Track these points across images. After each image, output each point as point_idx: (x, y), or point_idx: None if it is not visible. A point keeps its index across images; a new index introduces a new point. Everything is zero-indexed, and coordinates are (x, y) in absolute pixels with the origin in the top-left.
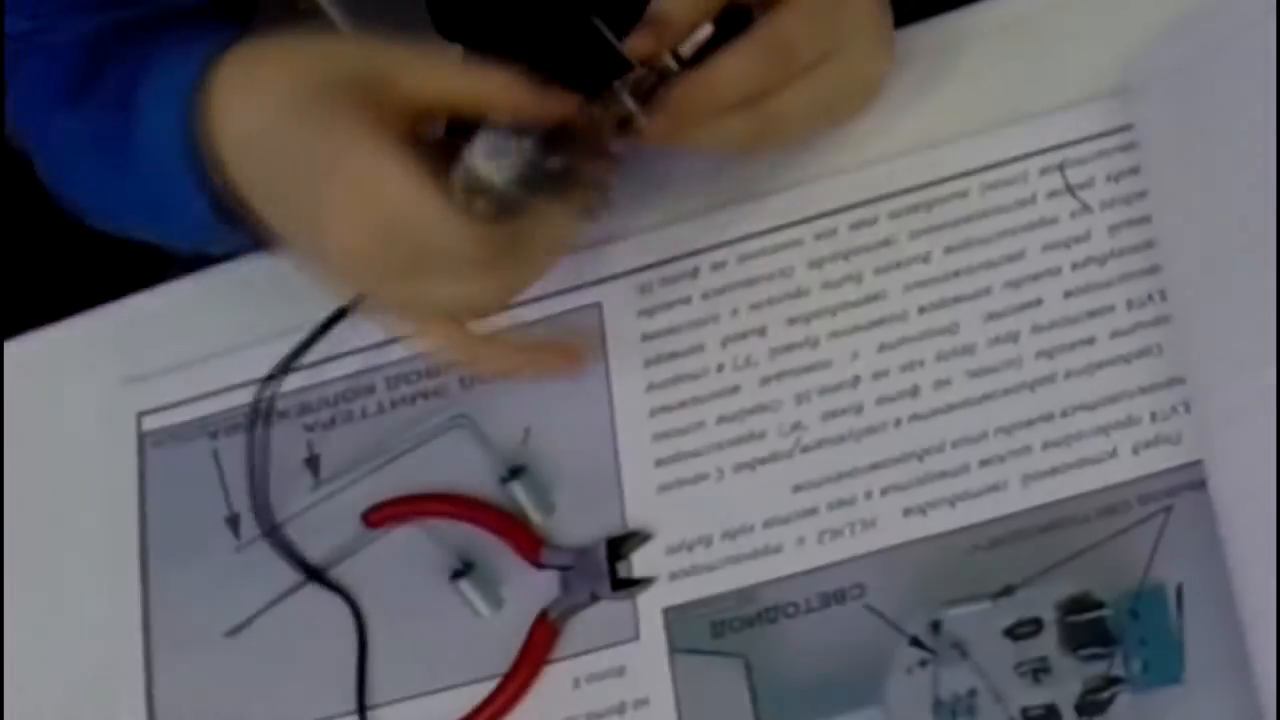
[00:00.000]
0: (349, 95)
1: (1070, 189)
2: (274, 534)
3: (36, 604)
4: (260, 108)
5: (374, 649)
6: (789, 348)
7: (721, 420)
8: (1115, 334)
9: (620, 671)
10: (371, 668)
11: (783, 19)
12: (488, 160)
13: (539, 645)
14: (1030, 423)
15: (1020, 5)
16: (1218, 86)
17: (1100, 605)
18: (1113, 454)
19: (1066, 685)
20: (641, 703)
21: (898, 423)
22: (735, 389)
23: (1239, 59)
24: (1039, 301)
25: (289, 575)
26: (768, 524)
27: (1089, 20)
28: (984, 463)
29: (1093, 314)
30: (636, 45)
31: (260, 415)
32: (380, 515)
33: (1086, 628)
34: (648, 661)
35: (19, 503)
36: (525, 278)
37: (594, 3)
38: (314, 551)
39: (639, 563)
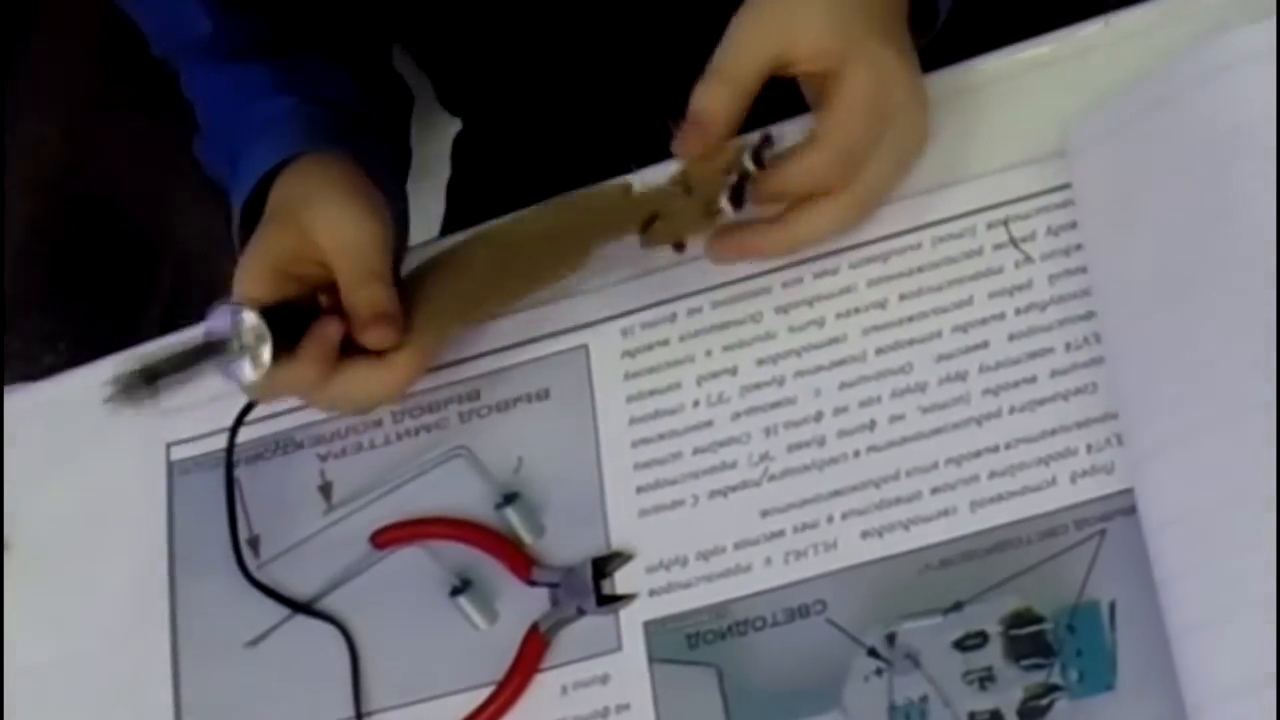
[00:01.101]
0: (287, 216)
1: (1014, 242)
2: (252, 580)
3: (73, 615)
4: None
5: (379, 659)
6: (758, 385)
7: (697, 451)
8: (1055, 373)
9: (604, 679)
10: (376, 676)
11: (840, 117)
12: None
13: (530, 655)
14: (977, 454)
15: (969, 75)
16: (1146, 151)
17: (1040, 620)
18: (1052, 482)
19: (1010, 692)
20: (623, 708)
21: (856, 454)
22: (709, 423)
23: (1165, 127)
24: (985, 344)
25: (302, 593)
26: (738, 545)
27: (1031, 90)
28: (935, 490)
29: (1034, 355)
30: (685, 146)
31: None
32: (386, 537)
33: (1028, 640)
34: (629, 670)
35: (60, 523)
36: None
37: (580, 73)
38: (325, 570)
39: (621, 580)
